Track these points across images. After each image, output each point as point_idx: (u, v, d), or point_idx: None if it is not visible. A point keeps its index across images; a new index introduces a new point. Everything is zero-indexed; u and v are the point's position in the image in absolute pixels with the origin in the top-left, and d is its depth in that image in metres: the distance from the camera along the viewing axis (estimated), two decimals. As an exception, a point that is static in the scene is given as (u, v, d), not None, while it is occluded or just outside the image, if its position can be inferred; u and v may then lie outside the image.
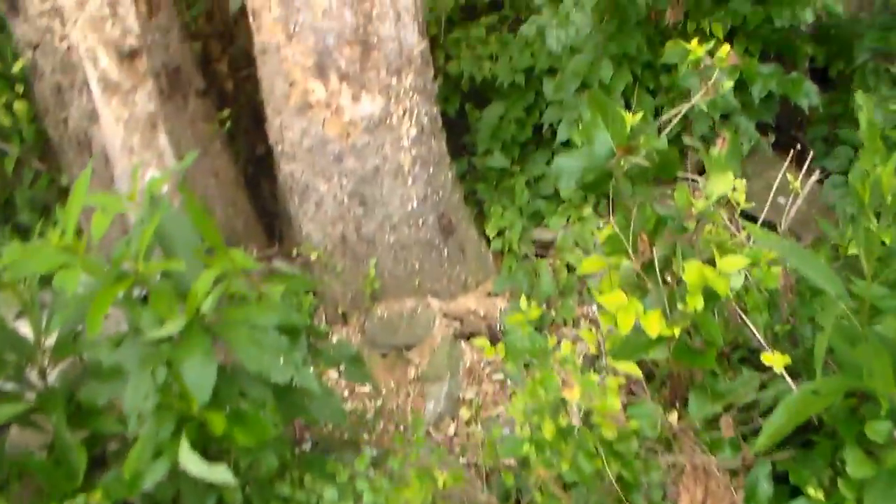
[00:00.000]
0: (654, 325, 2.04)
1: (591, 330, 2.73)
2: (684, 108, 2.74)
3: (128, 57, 3.46)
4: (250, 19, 3.90)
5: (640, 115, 2.28)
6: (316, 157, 3.92)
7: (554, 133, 4.75)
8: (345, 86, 3.81)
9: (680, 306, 2.06)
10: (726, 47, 2.67)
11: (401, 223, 4.04)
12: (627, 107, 4.17)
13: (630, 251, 2.19)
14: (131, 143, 3.59)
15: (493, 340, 4.09)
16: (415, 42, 3.94)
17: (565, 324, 4.12)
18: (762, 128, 4.49)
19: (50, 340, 2.75)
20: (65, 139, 4.36)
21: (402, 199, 4.01)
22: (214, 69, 5.28)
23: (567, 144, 4.38)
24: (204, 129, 4.61)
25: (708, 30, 4.21)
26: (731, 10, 4.20)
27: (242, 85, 5.44)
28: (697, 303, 2.03)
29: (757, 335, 2.35)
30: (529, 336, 2.92)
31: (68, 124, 4.28)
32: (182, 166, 2.64)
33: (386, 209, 4.00)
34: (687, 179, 3.89)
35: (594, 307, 4.19)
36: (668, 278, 2.32)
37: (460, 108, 5.10)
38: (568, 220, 4.44)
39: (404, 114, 3.93)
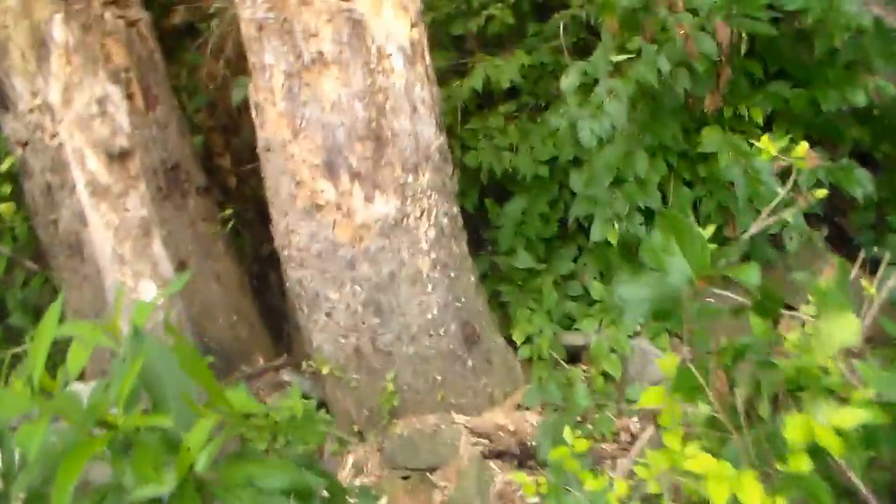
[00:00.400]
0: (754, 496, 1.66)
1: (647, 465, 2.35)
2: (767, 220, 2.38)
3: (118, 158, 3.16)
4: (253, 114, 3.61)
5: (710, 229, 1.94)
6: (326, 264, 3.58)
7: (580, 227, 4.42)
8: (357, 185, 3.50)
9: (780, 466, 1.71)
10: (805, 145, 2.33)
11: (420, 333, 3.69)
12: (664, 200, 3.84)
13: (705, 387, 1.84)
14: (122, 252, 3.27)
15: (525, 459, 3.70)
16: (432, 136, 3.64)
17: (604, 439, 3.73)
18: (808, 218, 4.15)
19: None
20: (55, 242, 4.04)
21: (421, 308, 3.66)
22: (216, 164, 5.00)
23: (604, 245, 4.03)
24: (205, 229, 4.29)
25: (746, 115, 3.90)
26: (770, 94, 3.90)
27: (247, 179, 5.15)
28: (802, 465, 1.67)
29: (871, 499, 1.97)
30: (576, 473, 2.53)
31: (59, 226, 3.97)
32: (176, 287, 2.29)
33: (404, 318, 3.65)
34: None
35: (635, 420, 3.81)
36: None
37: (479, 202, 4.78)
38: (601, 322, 4.08)
39: (422, 214, 3.61)
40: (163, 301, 3.35)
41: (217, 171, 4.94)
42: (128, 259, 3.26)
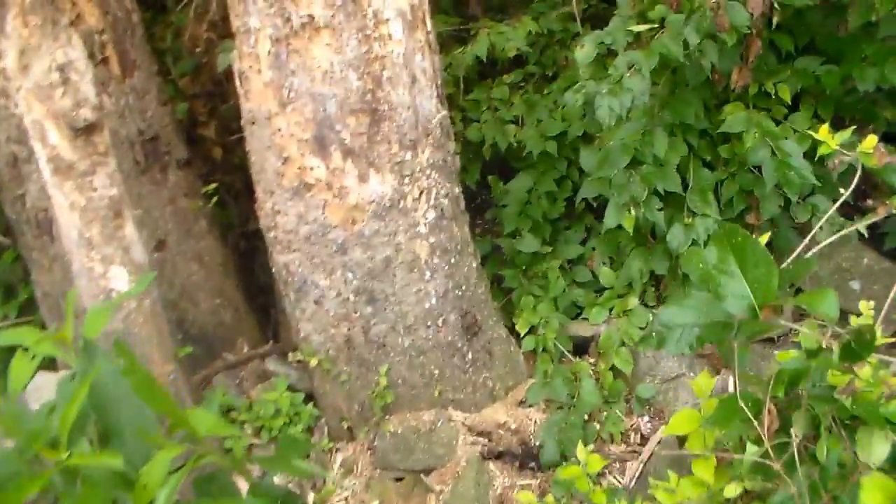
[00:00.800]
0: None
1: (670, 491, 2.08)
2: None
3: (84, 132, 2.84)
4: (237, 83, 3.30)
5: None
6: (315, 248, 3.29)
7: (589, 207, 4.13)
8: (349, 163, 3.20)
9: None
10: (873, 138, 2.04)
11: (417, 323, 3.40)
12: (684, 185, 3.54)
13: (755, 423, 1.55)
14: (90, 235, 2.96)
15: (527, 461, 3.44)
16: (433, 110, 3.33)
17: (612, 440, 3.47)
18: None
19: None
20: (22, 219, 3.73)
21: (418, 296, 3.37)
22: (201, 134, 4.68)
23: (615, 228, 3.73)
24: (186, 205, 3.99)
25: (773, 92, 3.58)
26: (799, 70, 3.58)
27: (234, 149, 4.83)
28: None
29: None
30: (589, 495, 2.27)
31: (25, 202, 3.65)
32: (138, 289, 2.00)
33: (399, 307, 3.37)
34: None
35: (645, 419, 3.54)
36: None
37: (481, 178, 4.47)
38: (610, 312, 3.80)
39: (420, 195, 3.31)
40: (134, 291, 3.06)
41: (201, 141, 4.62)
42: (96, 243, 2.96)
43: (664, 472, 3.13)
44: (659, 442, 3.40)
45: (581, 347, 3.83)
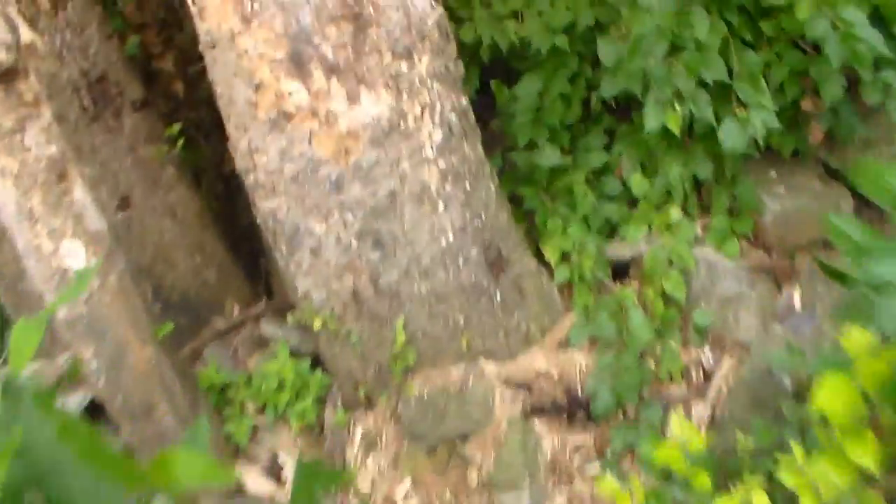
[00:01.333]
0: None
1: (798, 473, 1.60)
2: None
3: (2, 81, 2.26)
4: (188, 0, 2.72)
5: None
6: (305, 188, 2.75)
7: (609, 108, 3.58)
8: (335, 82, 2.64)
9: None
10: None
11: (433, 265, 2.88)
12: (729, 72, 2.99)
13: None
14: (30, 206, 2.41)
15: (575, 411, 2.96)
16: (427, 7, 2.77)
17: (671, 379, 2.99)
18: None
19: None
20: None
21: (431, 233, 2.84)
22: (156, 69, 4.07)
23: (639, 128, 3.21)
24: (149, 153, 3.41)
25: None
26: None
27: (198, 82, 4.23)
28: None
29: None
30: (691, 480, 1.78)
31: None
32: (80, 288, 1.46)
33: (411, 249, 2.84)
34: None
35: (706, 351, 3.06)
36: None
37: (481, 85, 3.88)
38: (650, 228, 3.29)
39: (423, 112, 2.76)
40: (94, 268, 2.53)
41: (158, 76, 4.01)
42: (39, 214, 2.40)
43: (741, 417, 2.68)
44: (726, 377, 2.93)
45: (620, 271, 3.33)
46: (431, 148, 2.79)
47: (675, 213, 3.26)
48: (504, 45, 3.64)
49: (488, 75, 3.88)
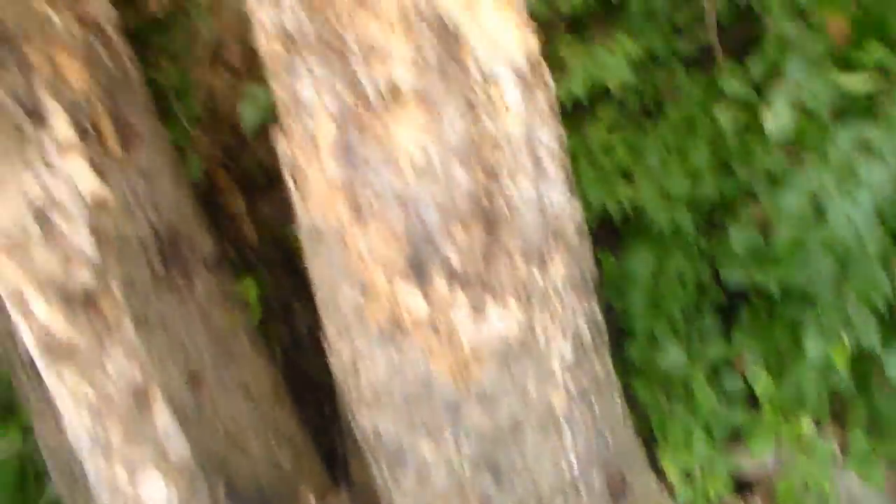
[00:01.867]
0: None
1: None
2: None
3: (82, 302, 1.89)
4: (285, 177, 2.36)
5: None
6: (416, 407, 2.37)
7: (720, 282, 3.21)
8: (459, 291, 2.27)
9: None
10: None
11: (553, 495, 2.50)
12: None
13: None
14: (107, 436, 2.02)
15: None
16: (564, 202, 2.42)
17: None
18: None
19: None
20: (13, 355, 2.77)
21: (555, 462, 2.47)
22: (217, 201, 3.68)
23: (763, 311, 2.86)
24: (222, 320, 3.01)
25: None
26: None
27: (260, 209, 3.86)
28: None
29: None
30: None
31: (15, 341, 2.65)
32: None
33: (530, 478, 2.47)
34: None
35: None
36: None
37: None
38: (777, 437, 2.90)
39: (553, 325, 2.40)
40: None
41: (223, 213, 3.62)
42: (116, 445, 2.03)
43: None
44: None
45: (743, 484, 2.94)
46: (560, 367, 2.42)
47: (805, 423, 2.88)
48: (615, 210, 3.29)
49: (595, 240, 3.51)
